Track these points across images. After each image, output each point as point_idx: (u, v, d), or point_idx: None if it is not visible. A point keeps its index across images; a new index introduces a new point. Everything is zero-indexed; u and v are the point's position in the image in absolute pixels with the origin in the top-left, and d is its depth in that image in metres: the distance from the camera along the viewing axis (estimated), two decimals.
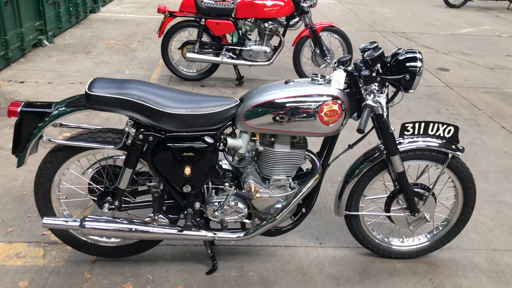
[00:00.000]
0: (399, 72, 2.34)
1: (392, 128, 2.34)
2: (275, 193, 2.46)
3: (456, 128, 2.53)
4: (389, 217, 2.70)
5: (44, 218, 2.35)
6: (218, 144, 2.34)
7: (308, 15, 5.40)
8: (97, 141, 2.32)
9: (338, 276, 2.66)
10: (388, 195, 2.68)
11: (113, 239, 2.56)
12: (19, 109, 2.24)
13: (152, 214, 2.43)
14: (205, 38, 5.44)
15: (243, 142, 2.38)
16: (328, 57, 5.53)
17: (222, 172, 2.47)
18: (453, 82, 6.13)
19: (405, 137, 2.54)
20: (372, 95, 2.27)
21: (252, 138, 2.38)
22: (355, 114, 2.43)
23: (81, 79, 5.51)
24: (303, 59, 5.62)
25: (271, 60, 5.46)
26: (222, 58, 5.40)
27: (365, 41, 7.95)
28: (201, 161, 2.31)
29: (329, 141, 2.49)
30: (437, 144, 2.50)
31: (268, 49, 5.42)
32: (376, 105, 2.24)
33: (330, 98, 2.27)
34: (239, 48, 5.41)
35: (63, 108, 2.26)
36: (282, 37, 5.50)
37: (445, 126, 2.53)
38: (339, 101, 2.28)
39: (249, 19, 5.47)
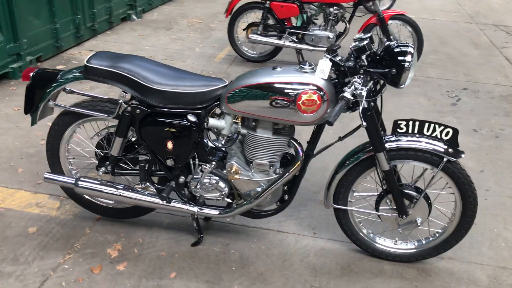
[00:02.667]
0: (389, 65, 2.23)
1: (364, 123, 2.24)
2: (256, 177, 2.50)
3: (455, 131, 2.36)
4: (380, 217, 2.61)
5: (45, 173, 2.63)
6: (202, 123, 2.43)
7: (376, 2, 5.19)
8: (95, 109, 2.53)
9: (318, 267, 2.63)
10: (379, 193, 2.58)
11: (109, 201, 2.77)
12: (31, 74, 2.51)
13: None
14: (271, 21, 5.49)
15: (226, 124, 2.44)
16: None
17: (210, 150, 2.55)
18: None
19: (398, 135, 2.42)
20: (352, 87, 2.19)
21: (234, 120, 2.43)
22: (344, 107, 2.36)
23: (153, 53, 5.86)
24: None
25: None
26: (284, 42, 5.42)
27: (457, 33, 7.45)
28: (184, 138, 2.42)
29: (316, 131, 2.46)
30: (430, 146, 2.35)
31: (331, 35, 5.32)
32: (351, 98, 2.16)
33: (310, 87, 2.24)
34: (302, 32, 5.37)
35: (67, 77, 2.49)
36: (347, 23, 5.37)
37: (442, 127, 2.36)
38: (320, 91, 2.24)
39: (315, 3, 5.40)
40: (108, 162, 2.65)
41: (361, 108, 2.24)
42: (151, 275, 2.52)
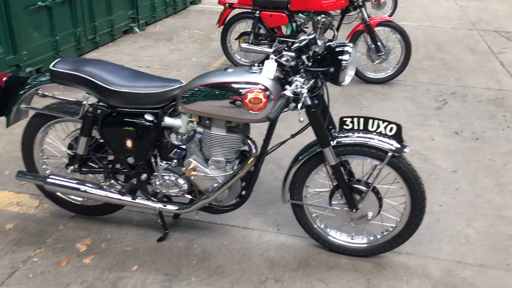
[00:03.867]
0: (329, 64, 2.35)
1: (301, 119, 2.34)
2: (213, 173, 2.62)
3: (399, 127, 2.44)
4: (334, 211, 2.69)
5: (18, 172, 2.81)
6: (159, 122, 2.57)
7: (363, 9, 5.29)
8: (63, 111, 2.70)
9: (276, 261, 2.73)
10: (331, 188, 2.67)
11: (79, 198, 2.93)
12: (4, 79, 2.70)
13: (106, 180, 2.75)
14: (262, 30, 5.64)
15: (182, 123, 2.58)
16: (383, 53, 5.37)
17: (170, 149, 2.68)
18: None
19: (344, 131, 2.51)
20: (293, 86, 2.31)
21: (190, 119, 2.56)
22: (293, 104, 2.47)
23: (150, 63, 6.07)
24: (357, 54, 5.52)
25: None
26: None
27: (456, 39, 7.47)
28: (142, 136, 2.56)
29: (271, 129, 2.58)
30: (375, 141, 2.44)
31: (319, 42, 5.41)
32: (291, 95, 2.27)
33: (256, 86, 2.36)
34: (291, 40, 5.49)
35: (35, 81, 2.67)
36: (335, 31, 5.49)
37: (386, 123, 2.45)
38: (266, 90, 2.36)
39: (303, 12, 5.53)
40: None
41: (300, 105, 2.35)
42: (114, 268, 2.65)
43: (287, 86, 2.31)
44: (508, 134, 4.32)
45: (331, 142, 2.47)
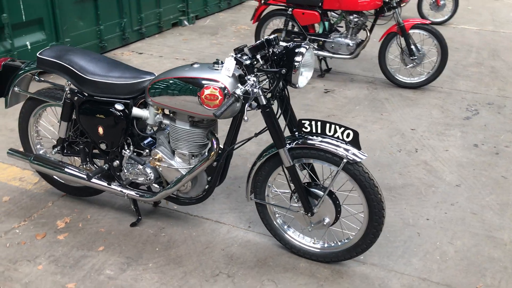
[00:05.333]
0: (284, 65, 2.33)
1: (246, 118, 2.32)
2: (177, 165, 2.69)
3: (356, 133, 2.37)
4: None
5: (9, 149, 3.05)
6: (130, 112, 2.68)
7: (397, 11, 5.11)
8: (50, 96, 2.89)
9: (235, 257, 2.75)
10: (292, 190, 2.64)
11: (60, 178, 3.12)
12: (2, 63, 2.93)
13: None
14: (296, 29, 5.61)
15: (149, 114, 2.67)
16: (417, 57, 5.16)
17: (141, 138, 2.78)
18: None
19: (304, 134, 2.48)
20: (245, 85, 2.31)
21: (156, 111, 2.65)
22: (255, 104, 2.48)
23: (187, 56, 6.25)
24: (389, 56, 5.34)
25: (354, 54, 5.35)
26: None
27: (490, 46, 6.97)
28: (112, 125, 2.69)
29: (234, 126, 2.60)
30: (330, 146, 2.39)
31: (351, 43, 5.32)
32: (241, 94, 2.28)
33: (213, 83, 2.40)
34: (322, 39, 5.44)
35: (26, 68, 2.88)
36: (368, 32, 5.34)
37: (343, 128, 2.39)
38: (222, 88, 2.38)
39: (337, 11, 5.43)
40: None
41: (247, 105, 2.35)
42: (82, 246, 2.81)
43: (239, 85, 2.32)
44: None
45: (287, 145, 2.46)
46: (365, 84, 5.50)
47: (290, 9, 5.47)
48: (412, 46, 5.14)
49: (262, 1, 5.70)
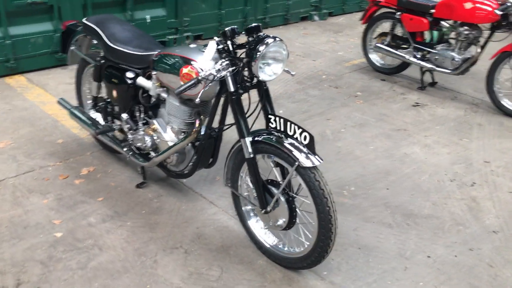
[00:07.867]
0: (252, 54, 2.31)
1: (197, 100, 2.31)
2: (166, 138, 2.84)
3: (311, 137, 2.23)
4: None
5: (59, 98, 3.52)
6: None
7: None
8: (92, 57, 3.27)
9: (203, 237, 2.81)
10: None
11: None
12: (67, 25, 3.40)
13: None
14: (403, 34, 5.27)
15: (152, 86, 2.85)
16: None
17: (149, 107, 2.99)
18: None
19: (270, 129, 2.42)
20: (211, 68, 2.34)
21: (155, 83, 2.82)
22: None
23: (295, 49, 6.29)
24: (500, 78, 4.69)
25: (458, 70, 4.84)
26: (407, 56, 5.15)
27: None
28: (123, 90, 2.95)
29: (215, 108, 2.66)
30: (286, 145, 2.29)
31: (456, 57, 4.82)
32: (202, 77, 2.31)
33: (191, 63, 2.48)
34: (427, 49, 5.01)
35: (78, 31, 3.29)
36: (479, 48, 4.75)
37: (301, 130, 2.26)
38: (199, 69, 2.45)
39: (449, 20, 4.94)
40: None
41: (200, 86, 2.38)
42: (86, 194, 3.15)
43: (208, 69, 2.36)
44: None
45: (256, 137, 2.42)
46: (465, 105, 4.92)
47: (398, 13, 5.14)
48: None
49: (374, 3, 5.44)
